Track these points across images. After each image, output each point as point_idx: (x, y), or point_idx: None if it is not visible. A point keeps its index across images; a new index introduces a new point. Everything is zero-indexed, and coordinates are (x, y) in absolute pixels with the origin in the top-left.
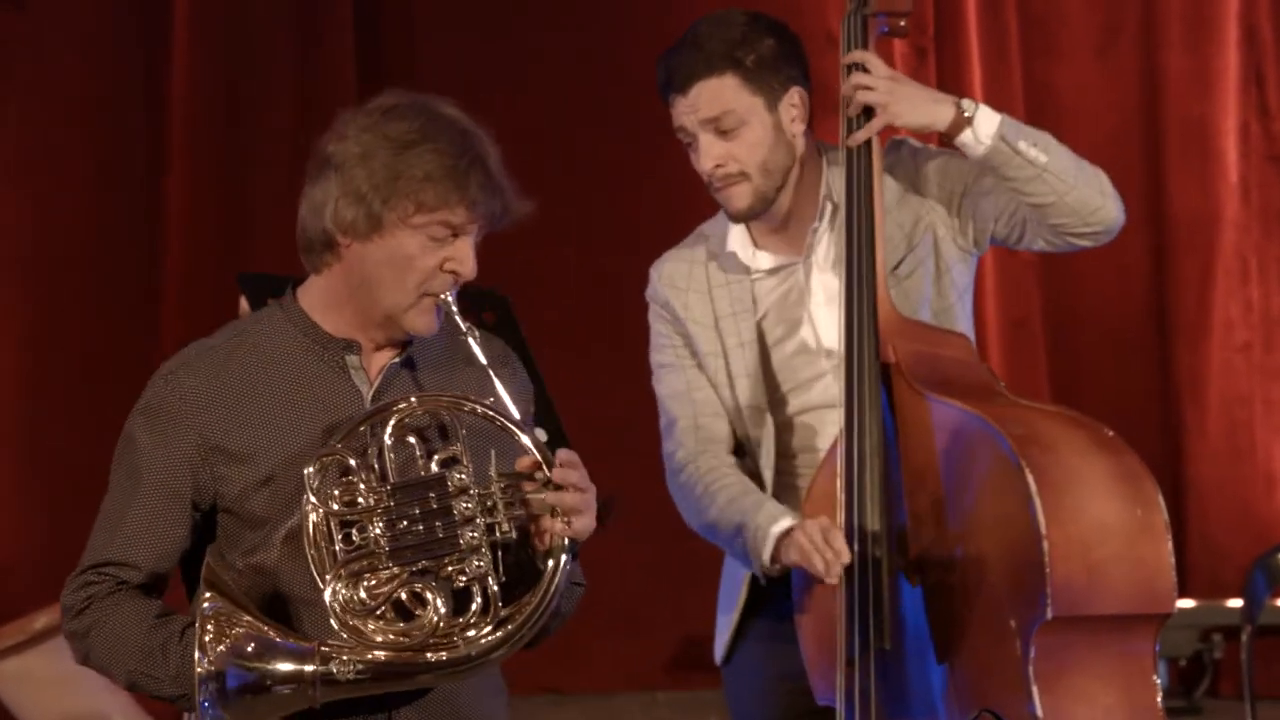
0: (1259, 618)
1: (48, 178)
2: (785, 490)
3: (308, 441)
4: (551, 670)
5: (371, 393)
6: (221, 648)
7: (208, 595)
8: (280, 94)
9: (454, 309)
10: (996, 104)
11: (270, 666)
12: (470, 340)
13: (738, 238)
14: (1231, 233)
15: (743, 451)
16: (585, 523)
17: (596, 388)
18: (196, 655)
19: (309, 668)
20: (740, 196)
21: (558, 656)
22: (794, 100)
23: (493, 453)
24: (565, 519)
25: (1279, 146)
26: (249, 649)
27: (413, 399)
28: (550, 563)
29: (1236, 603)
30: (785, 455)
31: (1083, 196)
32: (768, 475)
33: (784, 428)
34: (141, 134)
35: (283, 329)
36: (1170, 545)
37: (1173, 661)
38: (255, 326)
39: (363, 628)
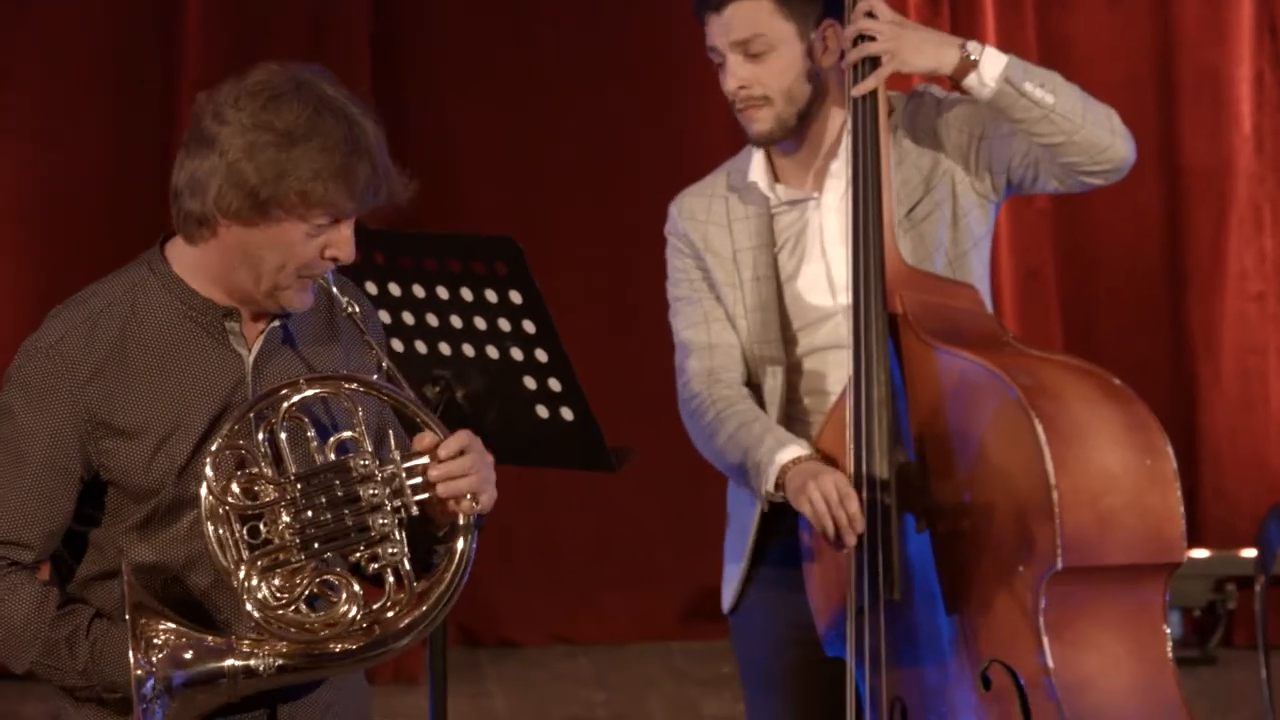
0: (1273, 567)
1: (62, 135)
2: (793, 434)
3: (192, 410)
4: (564, 621)
5: (252, 358)
6: (155, 653)
7: (133, 601)
8: (292, 51)
9: (332, 287)
10: (1011, 53)
11: (197, 668)
12: (354, 321)
13: (759, 169)
14: (1245, 183)
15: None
16: (489, 497)
17: (610, 343)
18: (131, 659)
19: (229, 663)
20: (761, 120)
21: (571, 607)
22: (826, 32)
23: (390, 433)
24: (472, 498)
25: None
26: (177, 652)
27: (302, 382)
28: (460, 541)
29: (1250, 552)
30: (793, 400)
31: (1091, 135)
32: (775, 419)
33: (793, 369)
34: (155, 106)
35: (158, 295)
36: (1179, 494)
37: (1186, 611)
38: (129, 292)
39: (279, 621)
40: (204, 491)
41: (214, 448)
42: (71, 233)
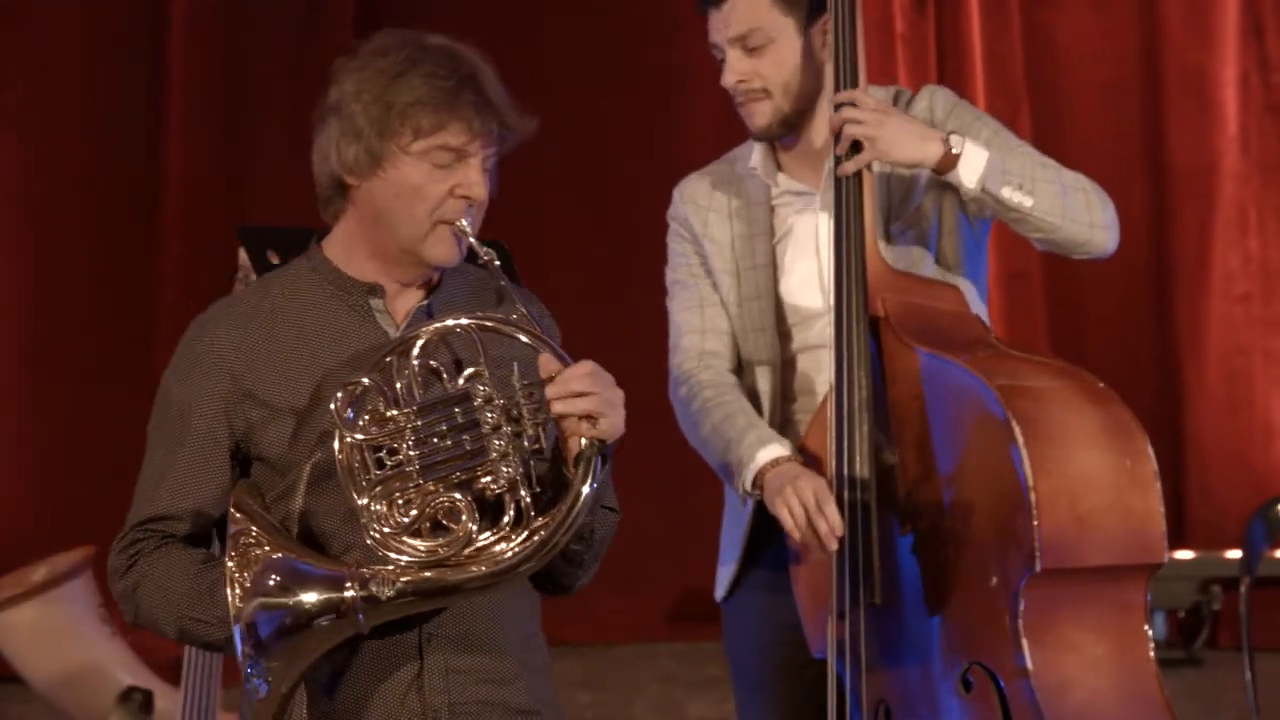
0: (1257, 569)
1: (51, 133)
2: (784, 435)
3: (337, 386)
4: (552, 621)
5: (399, 335)
6: (252, 583)
7: (236, 521)
8: (279, 49)
9: (472, 237)
10: (997, 55)
11: (306, 597)
12: (493, 266)
13: (762, 160)
14: (1231, 184)
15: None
16: (611, 423)
17: (600, 343)
18: (228, 593)
19: (349, 593)
20: (760, 114)
21: (558, 607)
22: (827, 27)
23: (515, 364)
24: (590, 420)
25: (1278, 97)
26: (282, 580)
27: (432, 325)
28: (580, 468)
29: (1235, 554)
30: (787, 399)
31: (1070, 233)
32: (769, 423)
33: (786, 367)
34: (142, 88)
35: (306, 278)
36: (1159, 495)
37: (1171, 613)
38: (279, 278)
39: (399, 546)
40: (335, 423)
41: (340, 394)
42: (59, 233)
